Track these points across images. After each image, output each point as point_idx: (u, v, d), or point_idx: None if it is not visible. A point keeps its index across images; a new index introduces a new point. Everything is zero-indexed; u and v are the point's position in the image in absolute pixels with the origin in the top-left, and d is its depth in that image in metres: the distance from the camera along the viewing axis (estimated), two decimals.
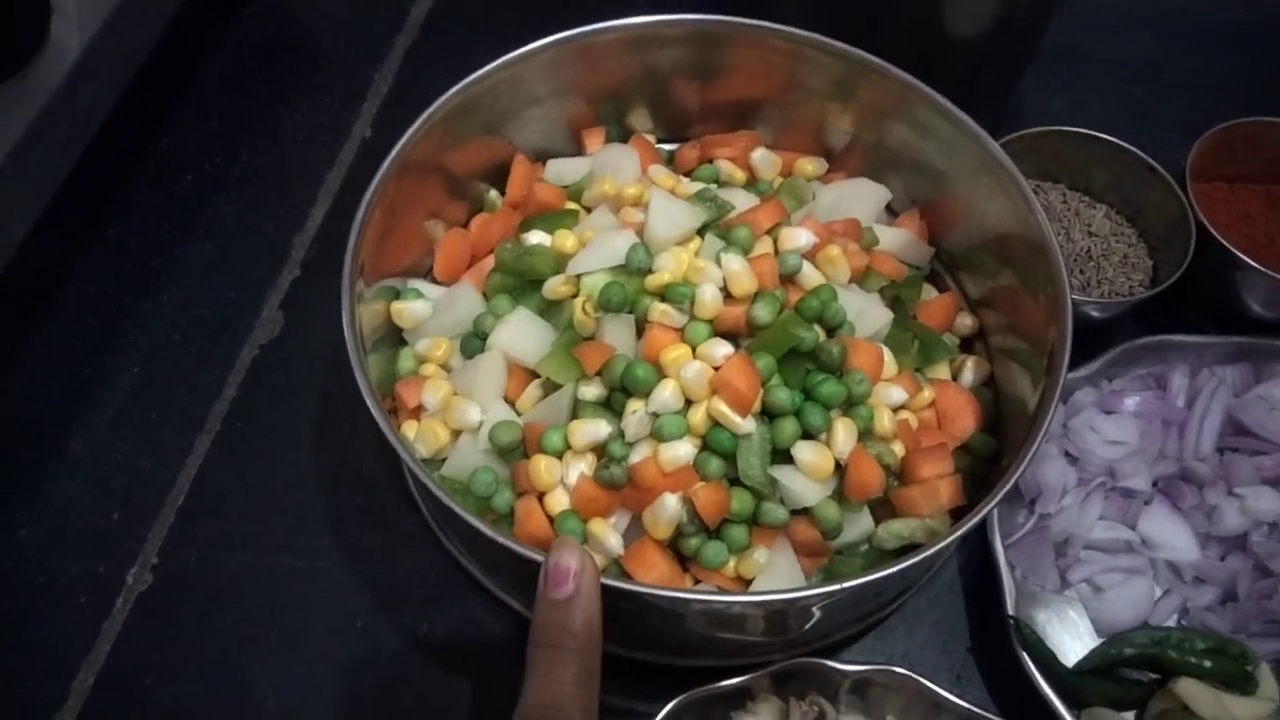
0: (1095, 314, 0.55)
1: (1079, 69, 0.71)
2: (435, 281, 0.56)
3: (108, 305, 0.59)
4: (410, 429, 0.49)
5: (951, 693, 0.46)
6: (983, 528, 0.50)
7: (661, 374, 0.46)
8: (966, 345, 0.56)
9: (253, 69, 0.70)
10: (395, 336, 0.53)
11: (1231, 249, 0.55)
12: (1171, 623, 0.50)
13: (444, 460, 0.48)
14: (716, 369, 0.45)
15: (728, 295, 0.48)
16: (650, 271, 0.48)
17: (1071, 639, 0.50)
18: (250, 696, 0.48)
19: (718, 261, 0.48)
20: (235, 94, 0.68)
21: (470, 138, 0.56)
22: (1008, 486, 0.42)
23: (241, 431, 0.55)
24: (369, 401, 0.43)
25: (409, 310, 0.52)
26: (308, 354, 0.57)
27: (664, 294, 0.48)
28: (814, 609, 0.45)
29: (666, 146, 0.62)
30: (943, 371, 0.53)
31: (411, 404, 0.50)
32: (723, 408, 0.45)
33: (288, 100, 0.68)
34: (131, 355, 0.58)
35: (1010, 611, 0.48)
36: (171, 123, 0.66)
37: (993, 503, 0.42)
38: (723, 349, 0.46)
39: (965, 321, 0.56)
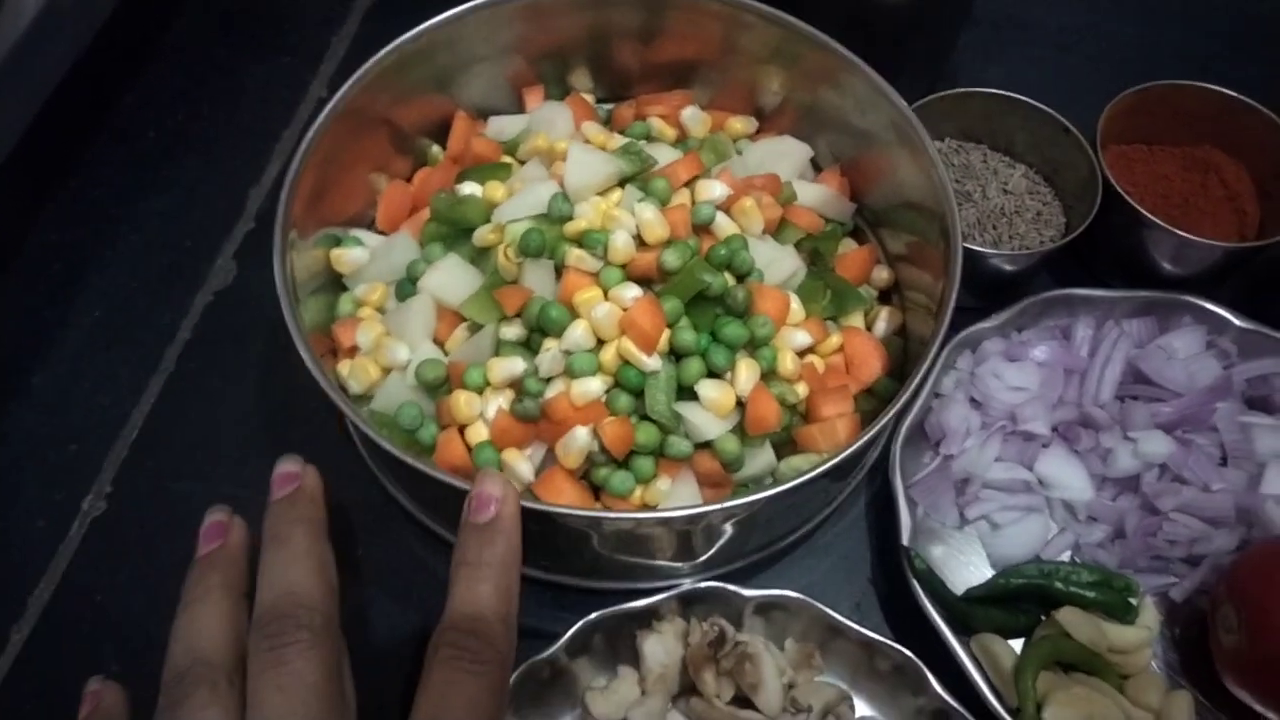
0: (1006, 267, 0.58)
1: (1016, 37, 0.73)
2: (379, 232, 0.59)
3: (71, 252, 0.62)
4: (345, 367, 0.52)
5: (850, 619, 0.49)
6: (885, 465, 0.53)
7: (575, 315, 0.49)
8: (884, 297, 0.59)
9: (216, 31, 0.72)
10: (337, 282, 0.56)
11: (1138, 207, 0.57)
12: (1065, 559, 0.53)
13: (373, 397, 0.51)
14: (626, 310, 0.48)
15: (642, 243, 0.51)
16: (570, 219, 0.51)
17: (968, 572, 0.53)
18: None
19: (633, 212, 0.51)
20: (198, 55, 0.71)
21: (415, 94, 0.59)
22: (890, 414, 0.45)
23: (193, 371, 0.59)
24: (298, 341, 0.46)
25: (348, 256, 0.55)
26: (257, 300, 0.60)
27: (580, 240, 0.50)
28: (718, 529, 0.48)
29: (606, 106, 0.64)
30: (857, 320, 0.56)
31: (347, 344, 0.53)
32: (630, 346, 0.48)
33: (249, 61, 0.71)
34: (92, 299, 0.61)
35: (905, 542, 0.51)
36: (136, 82, 0.69)
37: (874, 428, 0.45)
38: (632, 291, 0.49)
39: (881, 274, 0.58)
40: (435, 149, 0.61)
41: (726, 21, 0.59)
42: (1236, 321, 0.57)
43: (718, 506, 0.44)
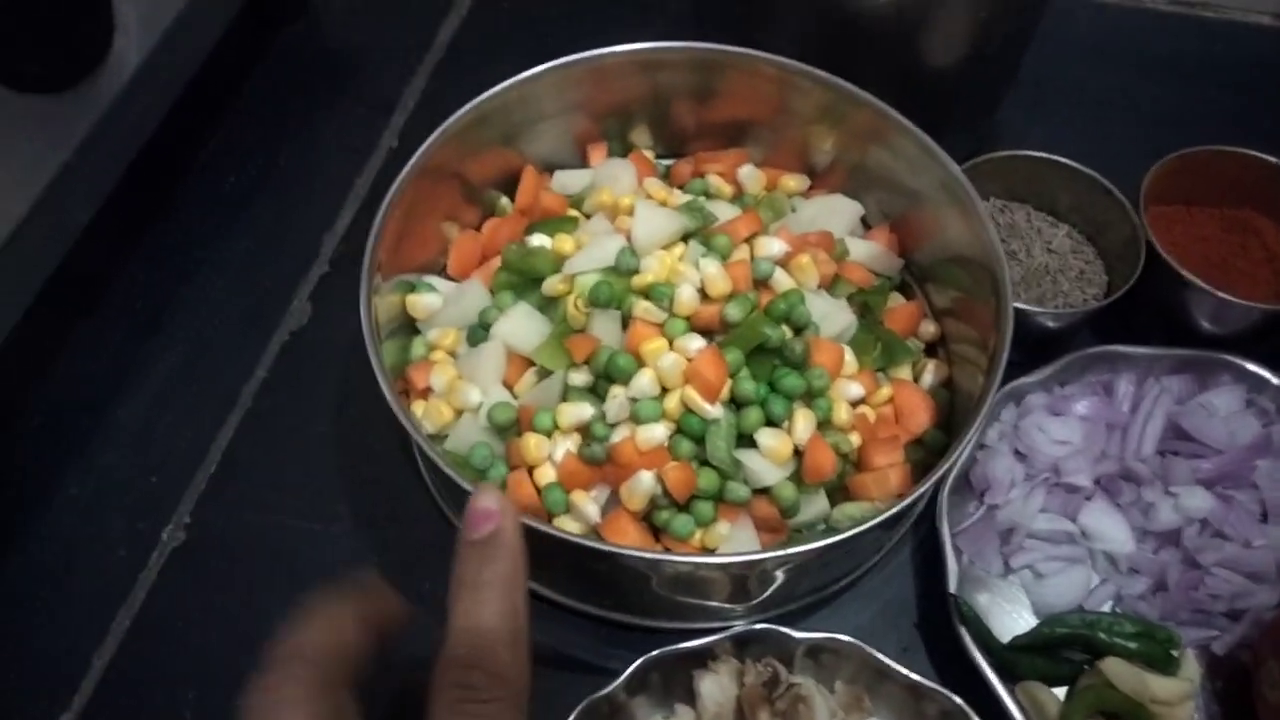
0: (1050, 324, 0.60)
1: (1059, 99, 0.76)
2: (448, 277, 0.62)
3: (155, 293, 0.66)
4: (419, 408, 0.55)
5: (897, 662, 0.51)
6: (932, 514, 0.55)
7: (641, 363, 0.51)
8: (931, 350, 0.61)
9: (292, 84, 0.76)
10: (410, 326, 0.59)
11: (1179, 268, 0.59)
12: (1106, 609, 0.55)
13: (447, 436, 0.54)
14: (690, 360, 0.51)
15: (705, 296, 0.53)
16: (636, 272, 0.54)
17: (1012, 620, 0.55)
18: (268, 641, 0.54)
19: (697, 266, 0.54)
20: (276, 106, 0.75)
21: (485, 149, 0.62)
22: (943, 469, 0.47)
23: (269, 409, 0.62)
24: (381, 381, 0.49)
25: (422, 302, 0.58)
26: (332, 341, 0.63)
27: (647, 293, 0.53)
28: (772, 574, 0.50)
29: (665, 161, 0.67)
30: (904, 372, 0.58)
31: (421, 386, 0.56)
32: (693, 395, 0.50)
33: (323, 113, 0.75)
34: (175, 338, 0.64)
35: (952, 590, 0.52)
36: (217, 131, 0.73)
37: (929, 483, 0.47)
38: (696, 343, 0.51)
39: (928, 328, 0.60)
40: (504, 200, 0.64)
41: (780, 83, 0.62)
42: (1275, 381, 0.59)
43: (776, 554, 0.46)
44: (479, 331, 0.56)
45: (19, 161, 0.53)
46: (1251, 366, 0.59)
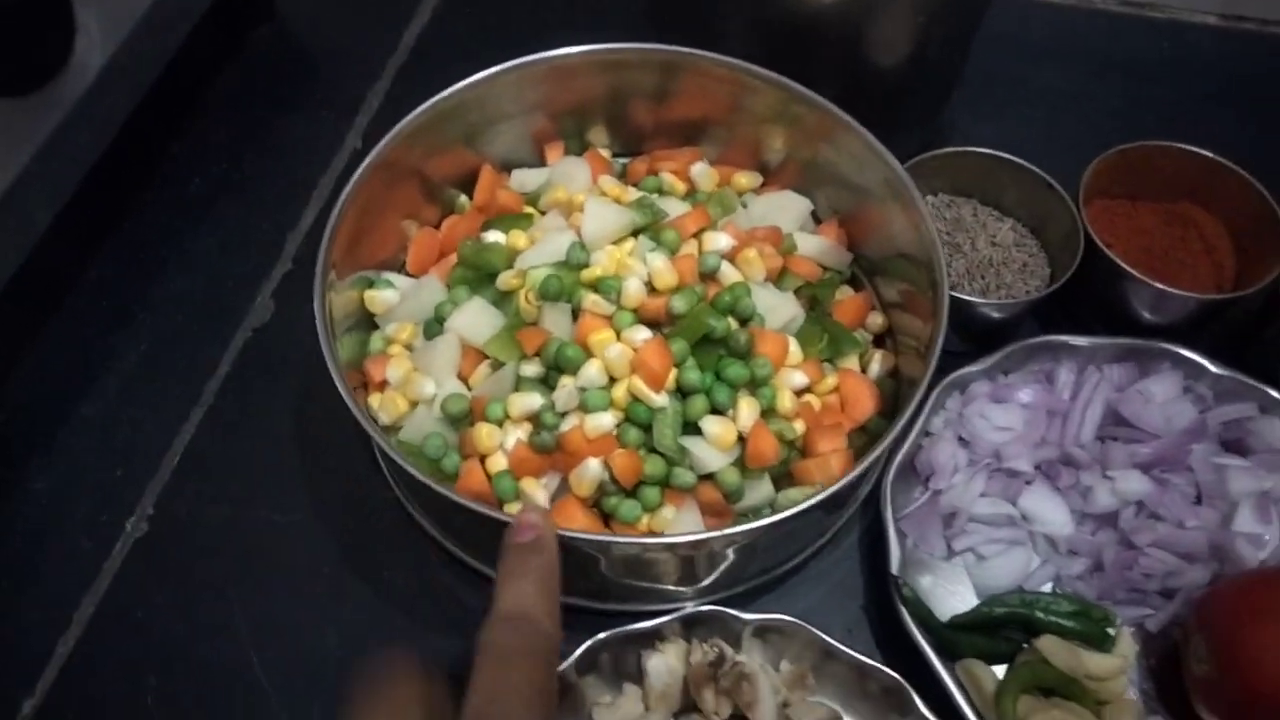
0: (994, 315, 0.62)
1: (1009, 97, 0.77)
2: (408, 274, 0.63)
3: (121, 290, 0.67)
4: (375, 400, 0.56)
5: (841, 643, 0.52)
6: (878, 499, 0.56)
7: (589, 354, 0.53)
8: (880, 341, 0.63)
9: (260, 86, 0.78)
10: (369, 321, 0.60)
11: (1117, 260, 0.61)
12: (1046, 589, 0.56)
13: (402, 428, 0.55)
14: (636, 351, 0.52)
15: (653, 289, 0.55)
16: (586, 267, 0.55)
17: (955, 601, 0.56)
18: (228, 630, 0.55)
19: (645, 260, 0.55)
20: (242, 108, 0.76)
21: (446, 148, 0.63)
22: (878, 451, 0.49)
23: (231, 403, 0.63)
24: (334, 375, 0.51)
25: (380, 297, 0.59)
26: (293, 337, 0.65)
27: (596, 286, 0.54)
28: (719, 556, 0.51)
29: (622, 160, 0.69)
30: (852, 362, 0.60)
31: (378, 378, 0.57)
32: (640, 384, 0.52)
33: (289, 114, 0.76)
34: (140, 334, 0.66)
35: (894, 571, 0.54)
36: (184, 132, 0.74)
37: (864, 464, 0.48)
38: (642, 334, 0.53)
39: (876, 320, 0.62)
40: (462, 199, 0.66)
41: (733, 84, 0.63)
42: (1212, 368, 0.60)
43: (718, 533, 0.48)
44: (434, 325, 0.58)
45: None
46: (1189, 354, 0.61)
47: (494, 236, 0.60)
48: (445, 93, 0.60)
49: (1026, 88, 0.78)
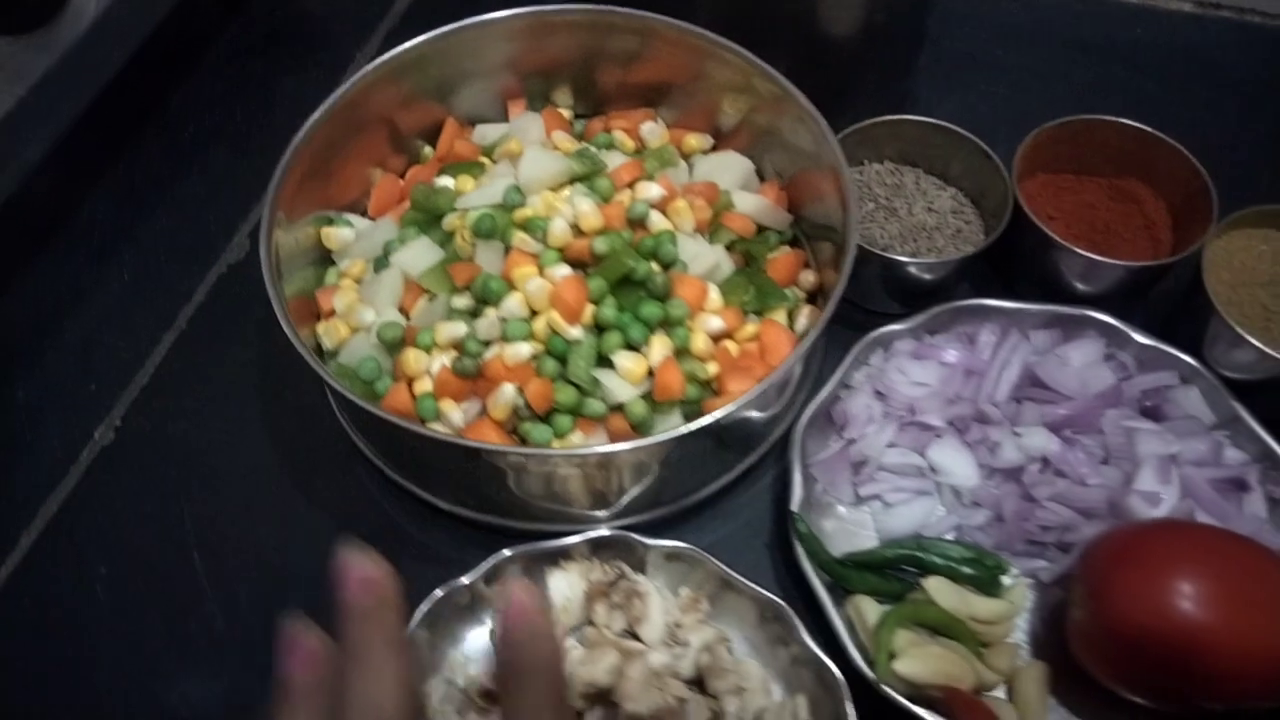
0: (925, 276, 0.63)
1: (975, 74, 0.79)
2: (369, 217, 0.67)
3: (111, 226, 0.72)
4: (321, 327, 0.60)
5: (744, 576, 0.55)
6: (789, 443, 0.59)
7: (513, 288, 0.56)
8: (814, 299, 0.65)
9: (256, 44, 0.83)
10: (329, 257, 0.65)
11: (1043, 228, 0.62)
12: (950, 538, 0.58)
13: (341, 352, 0.59)
14: (555, 286, 0.55)
15: (580, 232, 0.58)
16: (521, 208, 0.59)
17: (857, 544, 0.58)
18: (176, 531, 0.60)
19: (573, 204, 0.58)
20: (239, 66, 0.81)
21: (415, 101, 0.67)
22: (763, 386, 0.51)
23: (201, 330, 0.68)
24: (274, 300, 0.55)
25: (336, 235, 0.63)
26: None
27: (525, 225, 0.58)
28: (623, 476, 0.54)
29: (585, 120, 0.72)
30: (780, 316, 0.62)
31: (327, 308, 0.61)
32: (556, 317, 0.55)
33: (282, 73, 0.81)
34: (124, 265, 0.71)
35: (794, 508, 0.56)
36: (182, 85, 0.80)
37: (752, 394, 0.51)
38: (562, 270, 0.56)
39: (808, 277, 0.64)
40: (427, 149, 0.69)
41: (697, 52, 0.66)
42: (1137, 337, 0.62)
43: (602, 450, 0.51)
44: (383, 261, 0.62)
45: None
46: (1115, 323, 0.62)
47: (445, 181, 0.64)
48: (407, 44, 0.64)
49: (993, 65, 0.79)
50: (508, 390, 0.54)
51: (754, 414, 0.57)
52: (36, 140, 0.64)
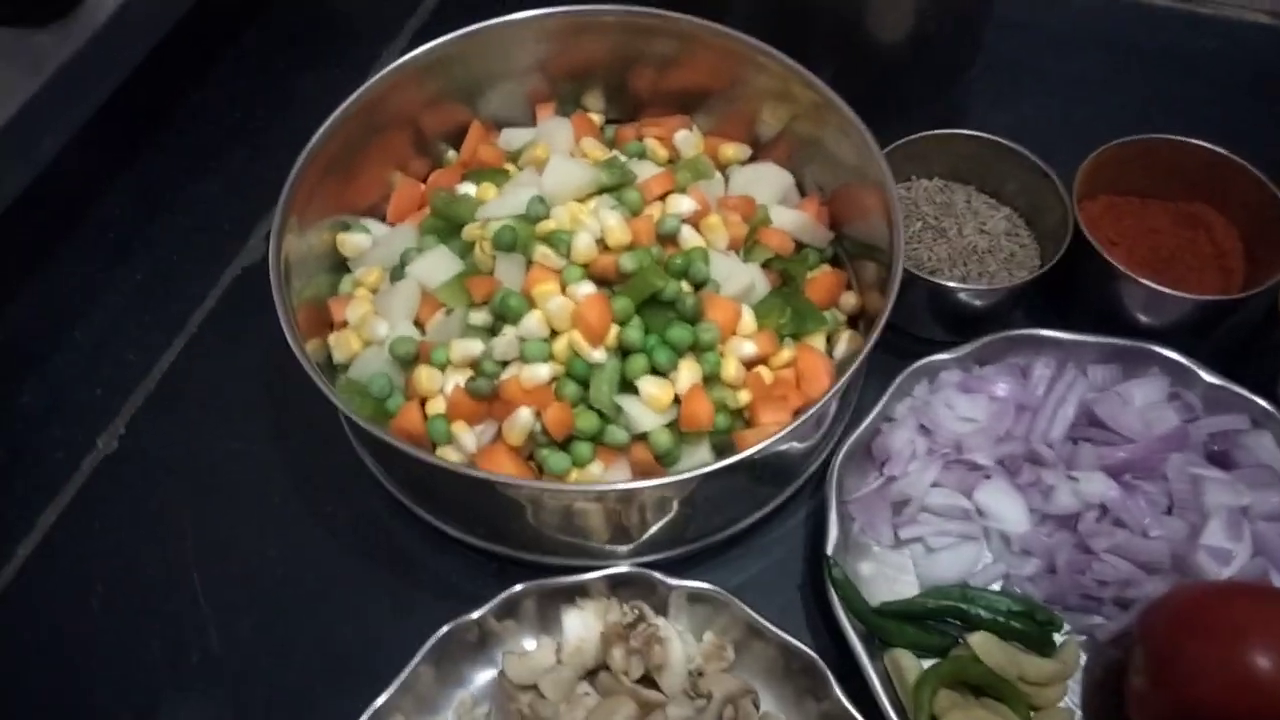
0: (975, 302, 0.59)
1: (1028, 83, 0.75)
2: (388, 223, 0.64)
3: (126, 225, 0.70)
4: (333, 339, 0.57)
5: (773, 622, 0.51)
6: (825, 479, 0.55)
7: (533, 306, 0.53)
8: (855, 323, 0.61)
9: (279, 43, 0.80)
10: (344, 264, 0.62)
11: (1106, 256, 0.58)
12: (996, 589, 0.54)
13: (351, 366, 0.56)
14: (577, 305, 0.52)
15: (606, 247, 0.54)
16: (545, 220, 0.55)
17: (895, 590, 0.54)
18: (176, 547, 0.57)
19: (600, 217, 0.55)
20: (259, 65, 0.79)
21: (440, 102, 0.64)
22: (803, 419, 0.47)
23: (212, 335, 0.65)
24: (279, 307, 0.52)
25: (351, 241, 0.60)
26: None
27: (548, 239, 0.54)
28: (646, 512, 0.51)
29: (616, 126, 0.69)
30: (817, 340, 0.58)
31: (339, 318, 0.58)
32: (578, 338, 0.51)
33: (303, 72, 0.78)
34: (137, 267, 0.68)
35: (829, 552, 0.52)
36: (204, 83, 0.77)
37: (783, 431, 0.47)
38: (585, 288, 0.52)
39: (850, 300, 0.60)
40: (451, 153, 0.66)
41: (735, 58, 0.62)
42: (1205, 376, 0.57)
43: (625, 487, 0.47)
44: (400, 271, 0.59)
45: None
46: (1181, 360, 0.58)
47: (466, 189, 0.60)
48: (429, 44, 0.61)
49: (1050, 77, 0.75)
50: (524, 414, 0.51)
51: (789, 447, 0.53)
52: (53, 134, 0.62)
